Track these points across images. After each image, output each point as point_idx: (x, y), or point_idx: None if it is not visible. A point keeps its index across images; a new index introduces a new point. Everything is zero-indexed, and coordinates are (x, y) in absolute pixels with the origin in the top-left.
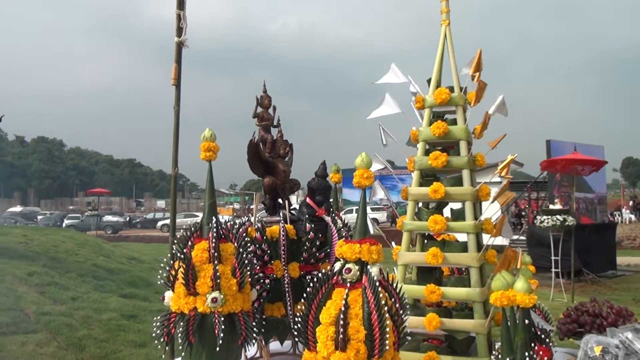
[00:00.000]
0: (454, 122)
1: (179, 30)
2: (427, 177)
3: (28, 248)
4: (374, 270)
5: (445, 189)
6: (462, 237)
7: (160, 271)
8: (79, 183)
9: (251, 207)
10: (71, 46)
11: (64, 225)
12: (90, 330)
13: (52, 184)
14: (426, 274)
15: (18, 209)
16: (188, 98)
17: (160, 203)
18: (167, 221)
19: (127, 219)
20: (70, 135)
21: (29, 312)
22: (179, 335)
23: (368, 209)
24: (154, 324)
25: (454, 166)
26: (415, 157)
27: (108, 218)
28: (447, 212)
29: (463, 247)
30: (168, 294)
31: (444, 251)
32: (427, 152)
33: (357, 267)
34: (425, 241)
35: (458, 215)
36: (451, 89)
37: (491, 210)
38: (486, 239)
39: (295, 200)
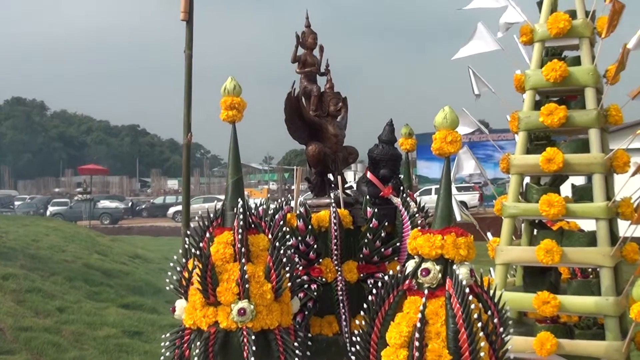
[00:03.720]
0: (576, 61)
1: None
2: (538, 140)
3: (2, 243)
4: (462, 272)
5: (564, 156)
6: (588, 225)
7: (170, 273)
8: (66, 158)
9: (292, 186)
10: None
11: (48, 213)
12: (82, 351)
13: (32, 159)
14: (536, 278)
15: None
16: (204, 41)
17: (172, 183)
18: (181, 207)
19: (130, 204)
20: (53, 95)
21: (4, 327)
22: (196, 358)
23: (453, 187)
24: (163, 344)
25: (576, 124)
26: (520, 112)
27: (104, 204)
28: (566, 190)
29: (590, 239)
30: (180, 304)
31: (562, 245)
32: (537, 106)
33: (438, 268)
34: (536, 231)
35: (583, 194)
36: (572, 14)
37: (631, 188)
38: (624, 227)
39: (352, 176)
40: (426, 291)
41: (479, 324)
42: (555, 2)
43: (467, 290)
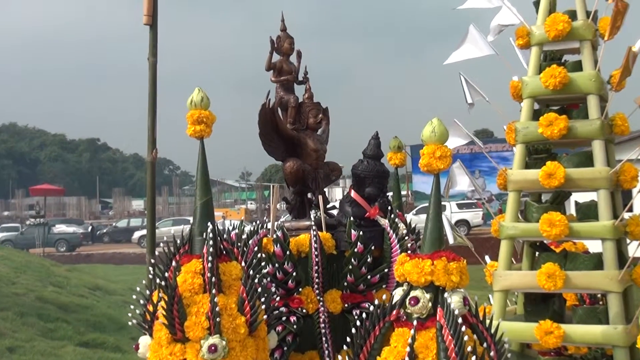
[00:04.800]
0: (577, 66)
1: None
2: (538, 153)
3: None
4: (454, 300)
5: (565, 171)
6: (594, 247)
7: (134, 307)
8: (16, 177)
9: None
10: None
11: None
12: None
13: None
14: (539, 305)
15: None
16: (171, 45)
17: (138, 204)
18: None
19: (89, 229)
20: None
21: None
22: None
23: (450, 205)
24: None
25: (578, 136)
26: (517, 123)
27: (60, 228)
28: (570, 207)
29: (596, 261)
30: (144, 341)
31: (566, 269)
32: (536, 115)
33: (428, 296)
34: (537, 253)
35: (587, 212)
36: (572, 15)
37: None
38: (633, 248)
39: (340, 193)
40: (415, 322)
41: (473, 358)
42: (554, 1)
43: (460, 320)
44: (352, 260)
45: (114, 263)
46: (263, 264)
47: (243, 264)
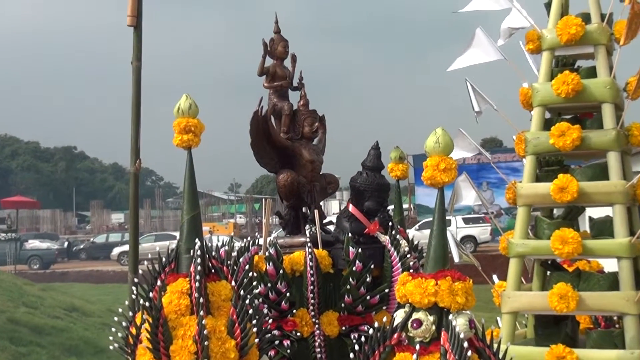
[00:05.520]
0: (591, 72)
1: None
2: (549, 166)
3: None
4: (459, 323)
5: (579, 185)
6: (610, 265)
7: (115, 329)
8: None
9: (261, 220)
10: None
11: None
12: None
13: None
14: (550, 328)
15: None
16: (154, 46)
17: (117, 218)
18: (128, 247)
19: (65, 244)
20: None
21: None
22: None
23: (455, 220)
24: None
25: (593, 147)
26: (527, 133)
27: (34, 244)
28: (584, 223)
29: (611, 281)
30: None
31: (580, 289)
32: (547, 125)
33: (431, 319)
34: (549, 273)
35: (602, 228)
36: (585, 18)
37: None
38: None
39: (336, 207)
40: (418, 346)
41: None
42: (567, 3)
43: (466, 344)
44: (350, 279)
45: (92, 282)
46: (254, 283)
47: (233, 283)
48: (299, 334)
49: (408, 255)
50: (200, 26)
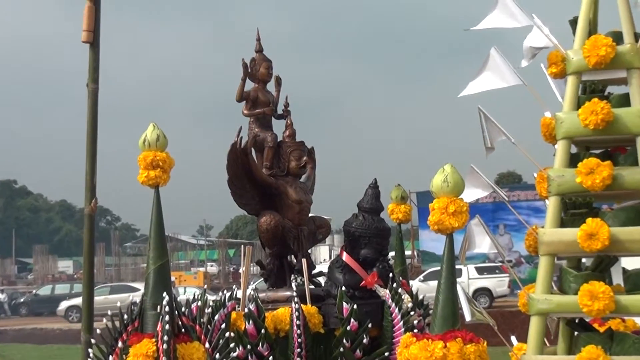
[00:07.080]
0: (624, 100)
1: None
2: (576, 208)
3: None
4: None
5: (610, 231)
6: None
7: None
8: None
9: (238, 270)
10: None
11: None
12: None
13: None
14: None
15: None
16: (116, 66)
17: (65, 266)
18: (78, 300)
19: (3, 297)
20: None
21: None
22: None
23: (467, 269)
24: None
25: (626, 186)
26: (550, 170)
27: None
28: (617, 276)
29: None
30: None
31: (612, 353)
32: (573, 161)
33: None
34: (576, 333)
35: (638, 281)
36: (617, 37)
37: None
38: None
39: (326, 253)
40: None
41: None
42: (595, 21)
43: None
44: (344, 341)
45: (34, 342)
46: (232, 345)
47: (207, 345)
48: None
49: (412, 312)
50: (168, 41)
